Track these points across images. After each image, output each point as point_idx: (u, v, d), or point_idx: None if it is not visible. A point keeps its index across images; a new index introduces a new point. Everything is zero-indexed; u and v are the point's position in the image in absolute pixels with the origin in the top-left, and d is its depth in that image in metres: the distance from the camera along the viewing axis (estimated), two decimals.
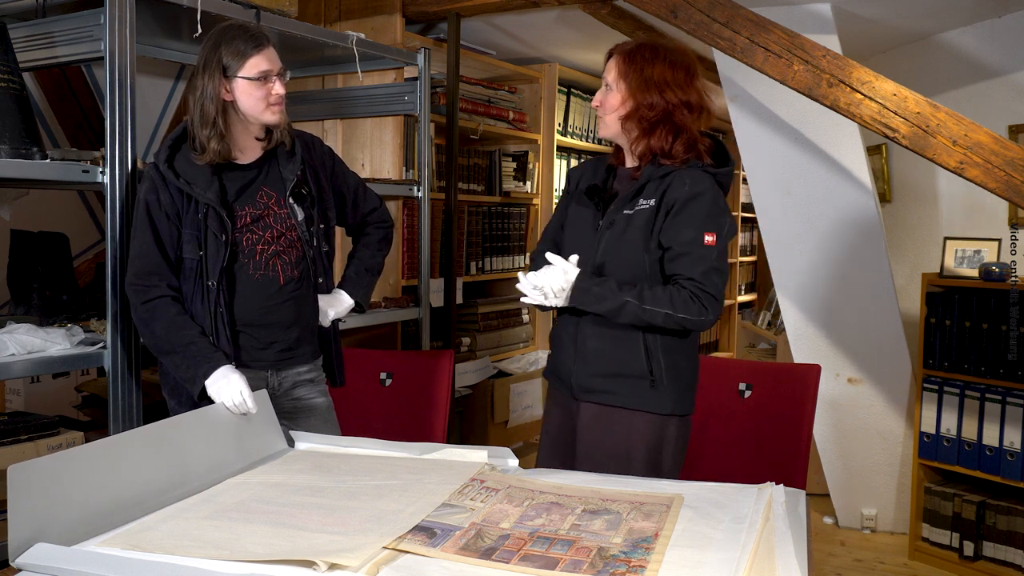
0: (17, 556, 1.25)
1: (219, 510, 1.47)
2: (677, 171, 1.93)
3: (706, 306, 1.86)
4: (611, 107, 1.97)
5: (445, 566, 1.26)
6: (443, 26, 3.54)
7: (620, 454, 1.95)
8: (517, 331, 4.32)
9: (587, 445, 1.99)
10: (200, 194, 1.94)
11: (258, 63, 1.92)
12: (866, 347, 3.62)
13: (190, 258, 1.96)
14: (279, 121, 1.99)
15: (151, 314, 1.93)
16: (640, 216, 1.93)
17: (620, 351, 1.94)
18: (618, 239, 1.94)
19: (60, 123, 3.18)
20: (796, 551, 1.32)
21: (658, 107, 1.93)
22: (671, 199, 1.90)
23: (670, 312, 1.85)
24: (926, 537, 3.46)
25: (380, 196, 2.36)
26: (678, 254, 1.89)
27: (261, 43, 1.94)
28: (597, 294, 1.87)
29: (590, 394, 1.99)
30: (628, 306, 1.85)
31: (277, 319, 2.04)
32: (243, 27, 1.97)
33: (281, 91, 1.96)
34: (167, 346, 1.92)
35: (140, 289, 1.93)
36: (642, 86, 1.93)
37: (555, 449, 2.08)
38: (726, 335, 6.72)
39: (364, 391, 2.73)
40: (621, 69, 1.96)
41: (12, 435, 2.05)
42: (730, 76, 3.51)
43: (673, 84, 1.93)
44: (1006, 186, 2.49)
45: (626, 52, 1.97)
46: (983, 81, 3.64)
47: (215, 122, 1.92)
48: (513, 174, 4.24)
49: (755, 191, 3.63)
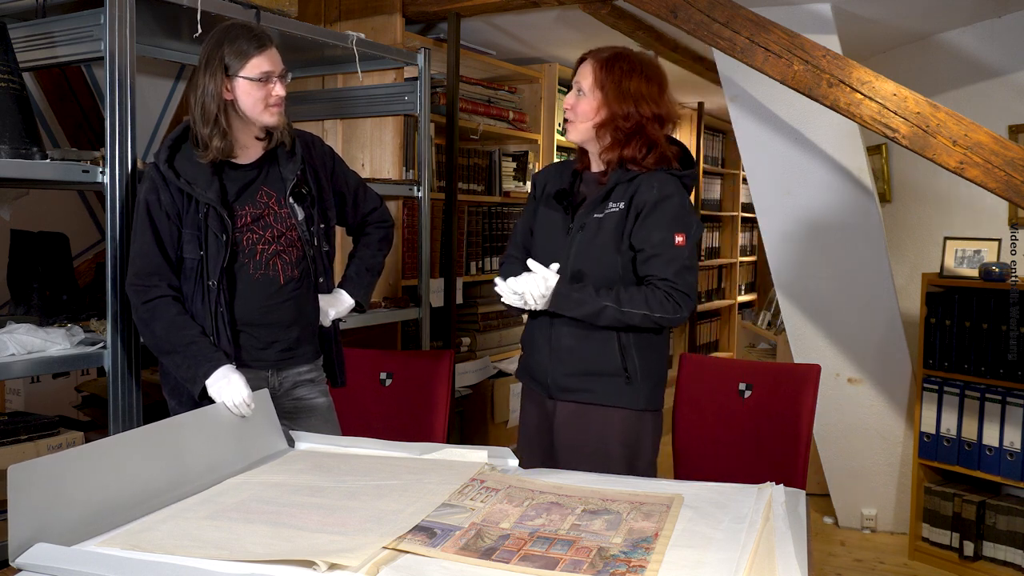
0: (17, 556, 1.25)
1: (219, 510, 1.47)
2: (643, 175, 1.99)
3: (680, 303, 1.93)
4: (584, 114, 2.01)
5: (445, 566, 1.26)
6: (443, 26, 3.54)
7: (598, 451, 2.00)
8: (517, 331, 4.32)
9: (565, 443, 2.04)
10: (200, 194, 1.93)
11: (260, 63, 1.92)
12: (866, 347, 3.62)
13: (190, 258, 1.96)
14: (278, 123, 1.99)
15: (151, 314, 1.93)
16: (610, 219, 1.98)
17: (595, 350, 1.99)
18: (590, 242, 1.99)
19: (60, 123, 3.18)
20: (796, 551, 1.32)
21: (632, 119, 1.98)
22: (640, 202, 1.96)
23: (647, 313, 1.91)
24: (926, 537, 3.46)
25: (380, 196, 2.36)
26: (650, 255, 1.95)
27: (264, 44, 1.94)
28: (577, 299, 1.93)
29: (566, 393, 2.04)
30: (607, 310, 1.91)
31: (277, 319, 2.04)
32: (247, 27, 1.97)
33: (281, 93, 1.96)
34: (167, 346, 1.92)
35: (140, 289, 1.94)
36: (619, 97, 1.97)
37: (531, 448, 2.13)
38: (726, 335, 6.71)
39: (364, 391, 2.73)
40: (597, 77, 1.99)
41: (12, 435, 2.05)
42: (730, 76, 3.51)
43: (648, 97, 1.99)
44: (1006, 186, 2.49)
45: (603, 60, 2.00)
46: (983, 81, 3.63)
47: (216, 120, 1.92)
48: (513, 174, 4.25)
49: (755, 191, 3.63)
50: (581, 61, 2.05)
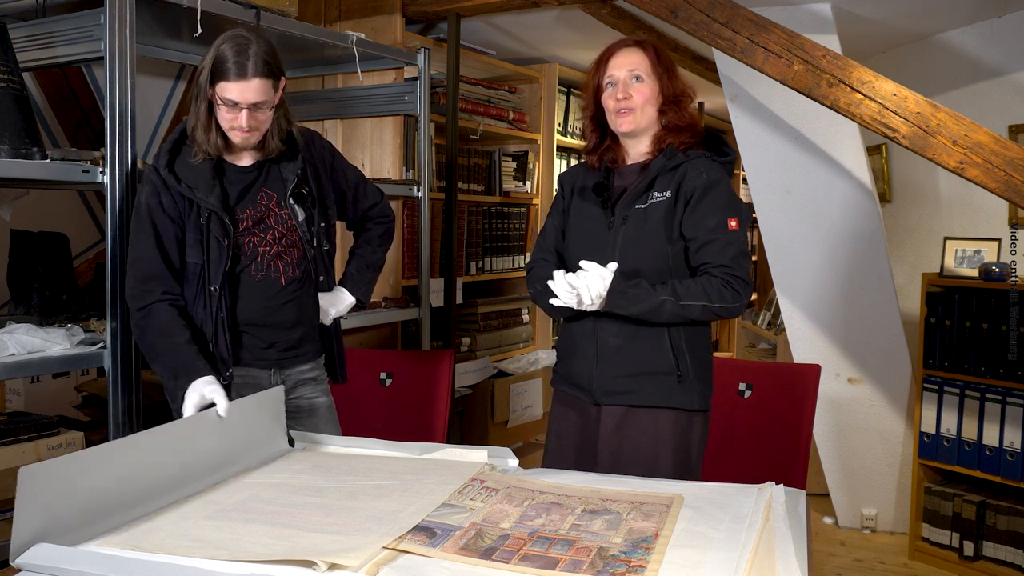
0: (18, 556, 1.25)
1: (219, 510, 1.47)
2: (688, 161, 1.94)
3: (739, 291, 1.86)
4: (648, 98, 1.96)
5: (445, 566, 1.26)
6: (443, 26, 3.54)
7: (647, 456, 1.92)
8: (517, 331, 4.32)
9: (611, 449, 1.95)
10: (202, 199, 1.92)
11: (227, 89, 1.86)
12: (866, 347, 3.62)
13: (193, 263, 1.94)
14: (243, 144, 1.95)
15: (145, 320, 1.91)
16: (656, 208, 1.92)
17: (645, 349, 1.92)
18: (636, 234, 1.92)
19: (60, 123, 3.18)
20: (796, 551, 1.32)
21: (684, 96, 1.99)
22: (689, 189, 1.91)
23: (707, 304, 1.85)
24: (926, 537, 3.46)
25: (381, 190, 2.36)
26: (704, 242, 1.89)
27: (236, 76, 1.85)
28: (633, 296, 1.84)
29: (614, 396, 1.95)
30: (666, 305, 1.84)
31: (279, 319, 2.04)
32: (240, 48, 1.87)
33: (243, 124, 1.89)
34: (152, 353, 1.91)
35: (137, 295, 1.92)
36: (671, 77, 1.98)
37: (564, 456, 2.04)
38: (726, 335, 6.72)
39: (364, 391, 2.73)
40: (654, 61, 1.98)
41: (12, 435, 2.04)
42: (730, 76, 3.51)
43: (681, 77, 2.01)
44: (1006, 186, 2.49)
45: (651, 46, 2.01)
46: (983, 81, 3.64)
47: (207, 119, 1.91)
48: (513, 174, 4.25)
49: (755, 191, 3.63)
50: (611, 54, 2.00)
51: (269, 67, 1.89)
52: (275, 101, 1.94)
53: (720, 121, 6.16)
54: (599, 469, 1.94)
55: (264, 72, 1.88)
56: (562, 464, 2.02)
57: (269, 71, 1.89)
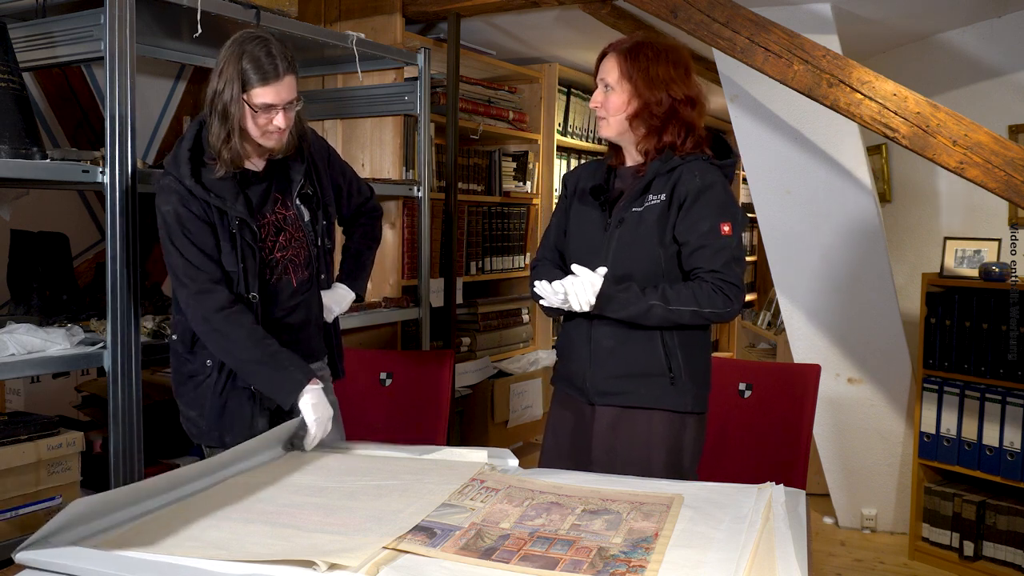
0: (18, 553, 1.25)
1: (219, 510, 1.47)
2: (684, 164, 1.93)
3: (730, 296, 1.85)
4: (616, 107, 1.95)
5: (445, 566, 1.26)
6: (443, 26, 3.54)
7: (640, 457, 1.92)
8: (517, 331, 4.32)
9: (604, 449, 1.96)
10: (232, 208, 1.90)
11: (263, 94, 1.86)
12: (866, 347, 3.62)
13: (231, 271, 1.92)
14: (275, 147, 1.95)
15: (227, 322, 1.87)
16: (651, 212, 1.91)
17: (637, 350, 1.92)
18: (630, 236, 1.92)
19: (60, 123, 3.18)
20: (796, 551, 1.32)
21: (665, 103, 1.93)
22: (682, 192, 1.89)
23: (696, 309, 1.84)
24: (926, 537, 3.46)
25: (371, 186, 2.36)
26: (697, 247, 1.88)
27: (269, 78, 1.85)
28: (623, 300, 1.85)
29: (607, 397, 1.96)
30: (654, 309, 1.84)
31: (293, 321, 2.04)
32: (267, 49, 1.86)
33: (281, 123, 1.89)
34: (249, 355, 1.88)
35: (210, 297, 1.88)
36: (649, 84, 1.92)
37: (560, 455, 2.05)
38: (726, 335, 6.72)
39: (364, 391, 2.73)
40: (623, 68, 1.94)
41: (12, 435, 2.04)
42: (730, 76, 3.51)
43: (677, 80, 1.94)
44: (1006, 186, 2.49)
45: (626, 51, 1.95)
46: (983, 81, 3.64)
47: (233, 126, 1.87)
48: (513, 174, 4.25)
49: (755, 191, 3.63)
50: (602, 57, 1.99)
51: (291, 61, 1.90)
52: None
53: (720, 121, 6.16)
54: (594, 468, 1.95)
55: (291, 68, 1.90)
56: (558, 461, 2.03)
57: (292, 65, 1.91)
